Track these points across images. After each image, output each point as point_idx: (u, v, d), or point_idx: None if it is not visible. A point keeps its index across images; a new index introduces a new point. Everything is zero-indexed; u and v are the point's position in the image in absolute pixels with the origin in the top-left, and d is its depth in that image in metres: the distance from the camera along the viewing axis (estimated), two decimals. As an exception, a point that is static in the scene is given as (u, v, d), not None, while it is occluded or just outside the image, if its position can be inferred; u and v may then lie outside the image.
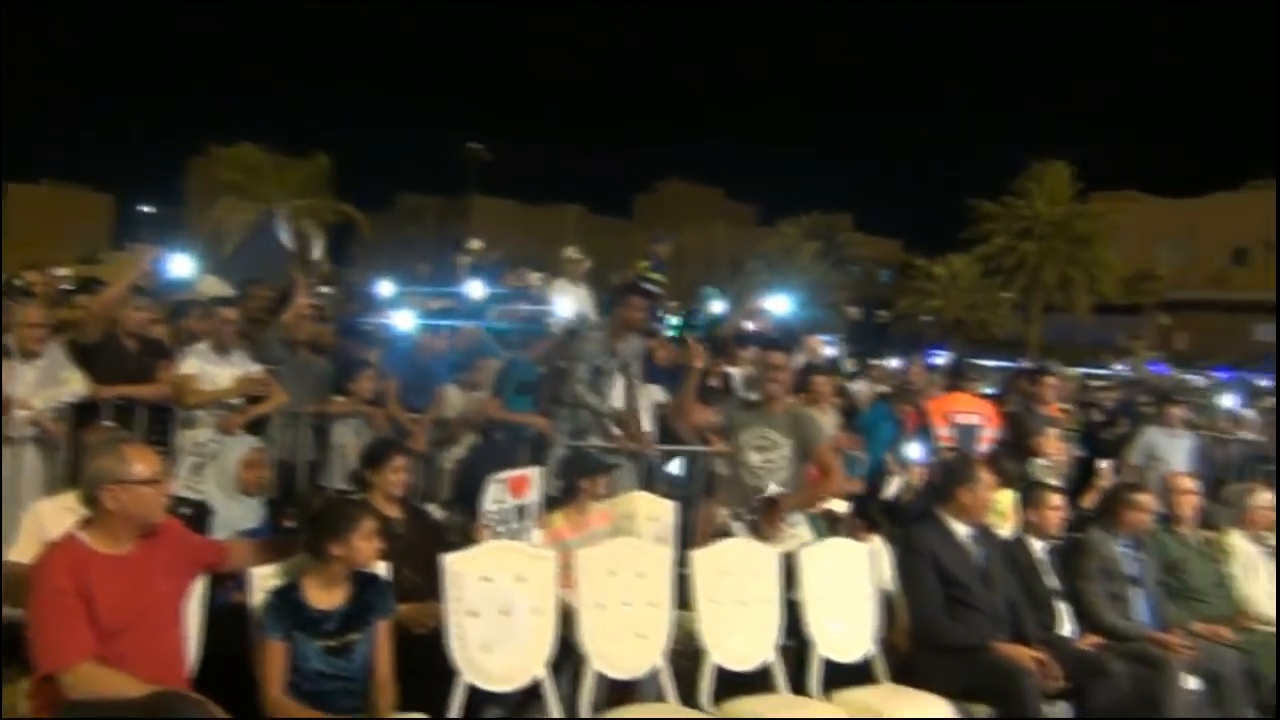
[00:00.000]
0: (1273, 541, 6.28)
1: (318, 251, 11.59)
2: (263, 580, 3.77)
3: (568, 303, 8.90)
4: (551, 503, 4.99)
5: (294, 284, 7.39)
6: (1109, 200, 43.08)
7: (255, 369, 6.42)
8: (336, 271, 16.93)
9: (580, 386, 6.25)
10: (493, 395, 6.71)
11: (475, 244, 13.33)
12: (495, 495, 4.59)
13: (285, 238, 10.95)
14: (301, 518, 4.19)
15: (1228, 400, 15.27)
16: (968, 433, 8.50)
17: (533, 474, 4.84)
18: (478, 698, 3.98)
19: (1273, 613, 5.87)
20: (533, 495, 4.76)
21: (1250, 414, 14.02)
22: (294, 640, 3.61)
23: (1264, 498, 6.37)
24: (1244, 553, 6.07)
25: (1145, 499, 5.65)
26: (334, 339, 7.85)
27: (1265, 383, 16.42)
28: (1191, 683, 5.05)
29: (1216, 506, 7.15)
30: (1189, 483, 6.21)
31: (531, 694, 4.11)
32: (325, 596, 3.69)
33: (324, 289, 11.12)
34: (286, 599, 3.66)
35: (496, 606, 4.05)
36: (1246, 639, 5.46)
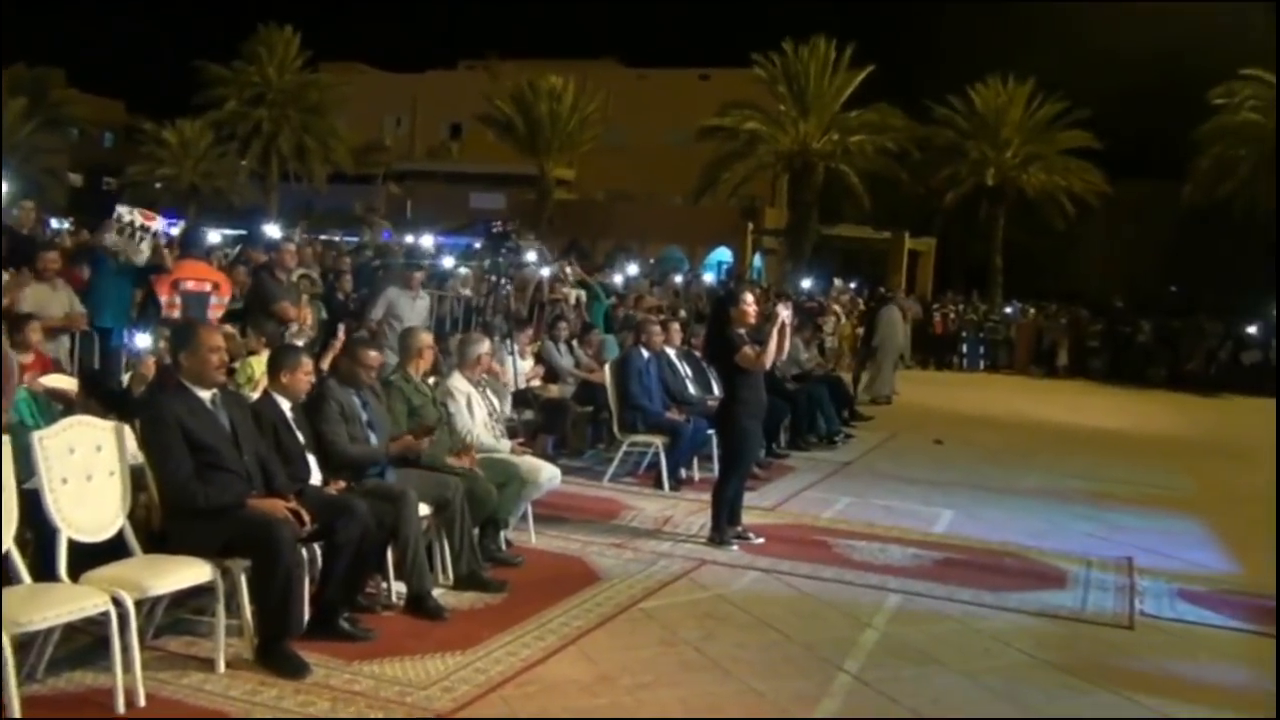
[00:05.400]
0: (486, 380, 7.27)
1: None
2: None
3: None
4: None
5: None
6: (337, 71, 44.09)
7: None
8: None
9: None
10: None
11: None
12: None
13: None
14: None
15: (448, 262, 16.97)
16: (199, 300, 8.57)
17: None
18: None
19: (489, 440, 6.84)
20: None
21: (465, 272, 15.77)
22: None
23: (482, 346, 7.29)
24: (464, 393, 6.94)
25: (372, 355, 6.08)
26: None
27: (478, 244, 18.25)
28: (424, 509, 5.73)
29: (441, 355, 8.01)
30: (429, 338, 6.94)
31: None
32: None
33: None
34: None
35: None
36: (466, 467, 6.30)
